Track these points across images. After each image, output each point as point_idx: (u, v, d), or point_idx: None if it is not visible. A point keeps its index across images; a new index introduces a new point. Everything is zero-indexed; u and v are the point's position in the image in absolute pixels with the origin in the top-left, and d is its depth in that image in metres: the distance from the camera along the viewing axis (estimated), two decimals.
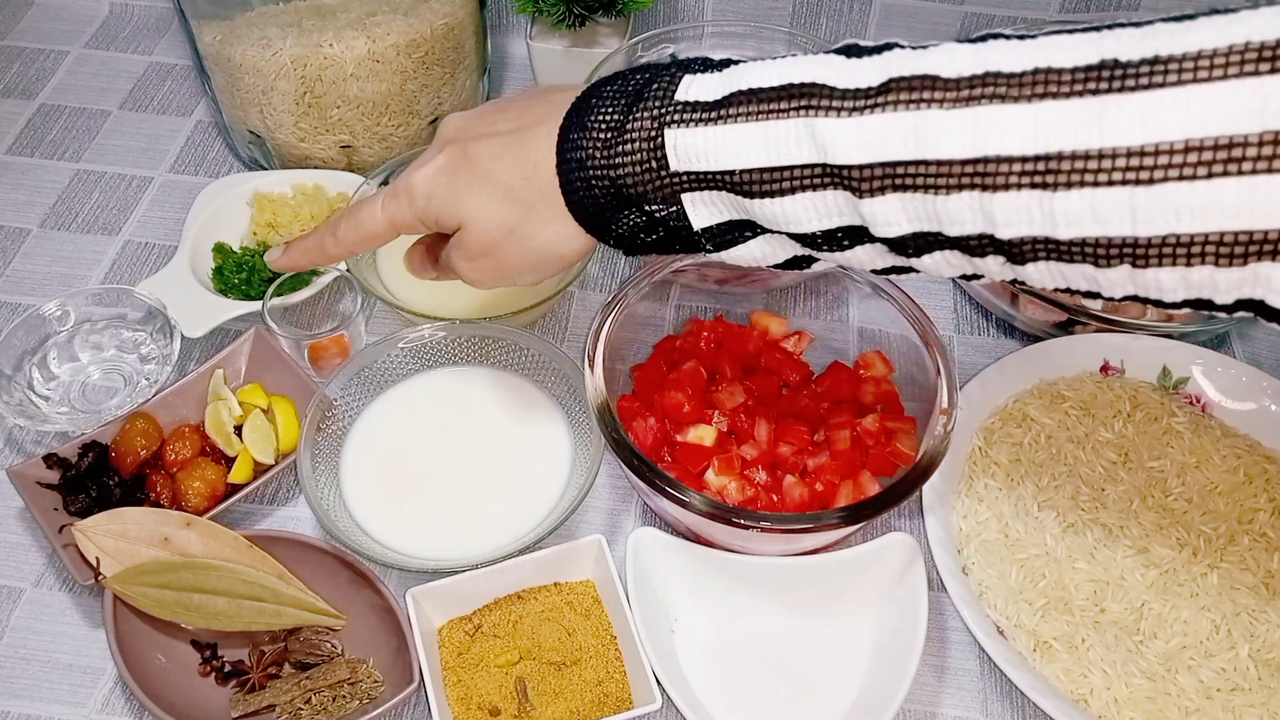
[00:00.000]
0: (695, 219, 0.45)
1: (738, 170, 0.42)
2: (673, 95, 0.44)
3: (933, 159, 0.38)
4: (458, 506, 0.67)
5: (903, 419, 0.68)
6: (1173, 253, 0.35)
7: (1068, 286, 0.39)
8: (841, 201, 0.41)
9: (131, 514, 0.63)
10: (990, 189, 0.37)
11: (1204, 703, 0.60)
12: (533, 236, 0.48)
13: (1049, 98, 0.36)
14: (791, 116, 0.41)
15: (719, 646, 0.64)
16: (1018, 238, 0.38)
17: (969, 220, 0.38)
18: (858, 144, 0.39)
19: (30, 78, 1.00)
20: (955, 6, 0.95)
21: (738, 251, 0.46)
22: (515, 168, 0.47)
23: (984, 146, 0.37)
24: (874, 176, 0.39)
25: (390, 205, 0.51)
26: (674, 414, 0.68)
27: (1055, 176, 0.36)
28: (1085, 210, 0.36)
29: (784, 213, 0.42)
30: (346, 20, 0.79)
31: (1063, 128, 0.35)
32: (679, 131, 0.43)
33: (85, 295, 0.76)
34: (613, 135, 0.45)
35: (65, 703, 0.62)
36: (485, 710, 0.59)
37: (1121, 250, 0.36)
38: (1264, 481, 0.69)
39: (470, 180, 0.48)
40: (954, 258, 0.41)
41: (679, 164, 0.44)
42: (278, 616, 0.61)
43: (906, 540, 0.63)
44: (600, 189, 0.46)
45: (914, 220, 0.40)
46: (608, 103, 0.46)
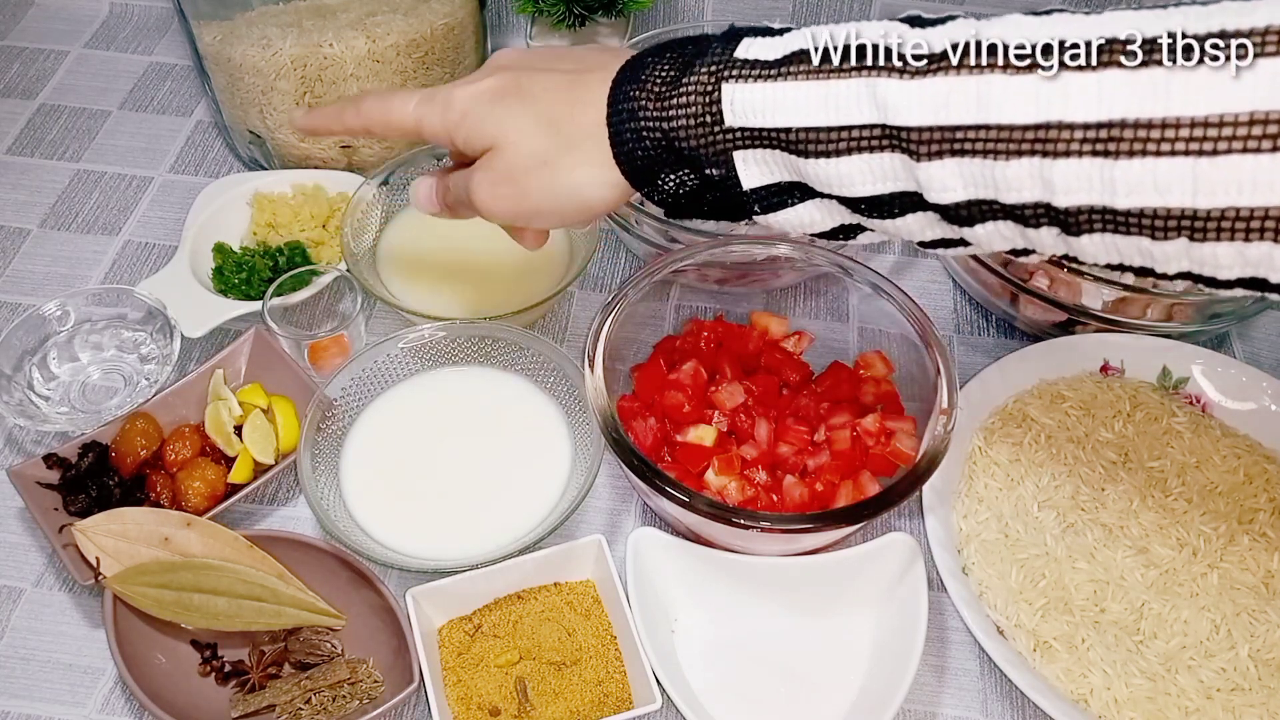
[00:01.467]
0: (746, 178, 0.45)
1: (795, 128, 0.42)
2: (732, 52, 0.44)
3: (994, 124, 0.38)
4: (458, 506, 0.67)
5: (903, 419, 0.68)
6: (1231, 226, 0.35)
7: (1121, 262, 0.39)
8: (898, 164, 0.41)
9: (131, 514, 0.63)
10: (1051, 155, 0.37)
11: (1204, 703, 0.60)
12: (565, 173, 0.47)
13: (1114, 66, 0.36)
14: (853, 76, 0.40)
15: (719, 646, 0.64)
16: (1075, 206, 0.38)
17: (1027, 187, 0.38)
18: (919, 105, 0.39)
19: (30, 78, 1.00)
20: (955, 7, 0.95)
21: (785, 215, 0.46)
22: (565, 103, 0.47)
23: (1047, 112, 0.37)
24: (933, 140, 0.39)
25: (424, 107, 0.50)
26: (674, 414, 0.68)
27: (1118, 144, 0.36)
28: (1146, 179, 0.35)
29: (838, 174, 0.42)
30: (346, 20, 0.79)
31: (1127, 96, 0.35)
32: (737, 86, 0.43)
33: (85, 295, 0.76)
34: (667, 89, 0.44)
35: (65, 703, 0.62)
36: (485, 710, 0.59)
37: (1180, 222, 0.36)
38: (1264, 481, 0.69)
39: (516, 104, 0.48)
40: (1007, 229, 0.41)
41: (734, 119, 0.43)
42: (278, 616, 0.61)
43: (906, 540, 0.63)
44: (651, 141, 0.45)
45: (970, 186, 0.40)
46: (665, 59, 0.45)
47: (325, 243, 0.81)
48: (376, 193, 0.81)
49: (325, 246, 0.81)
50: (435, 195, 0.55)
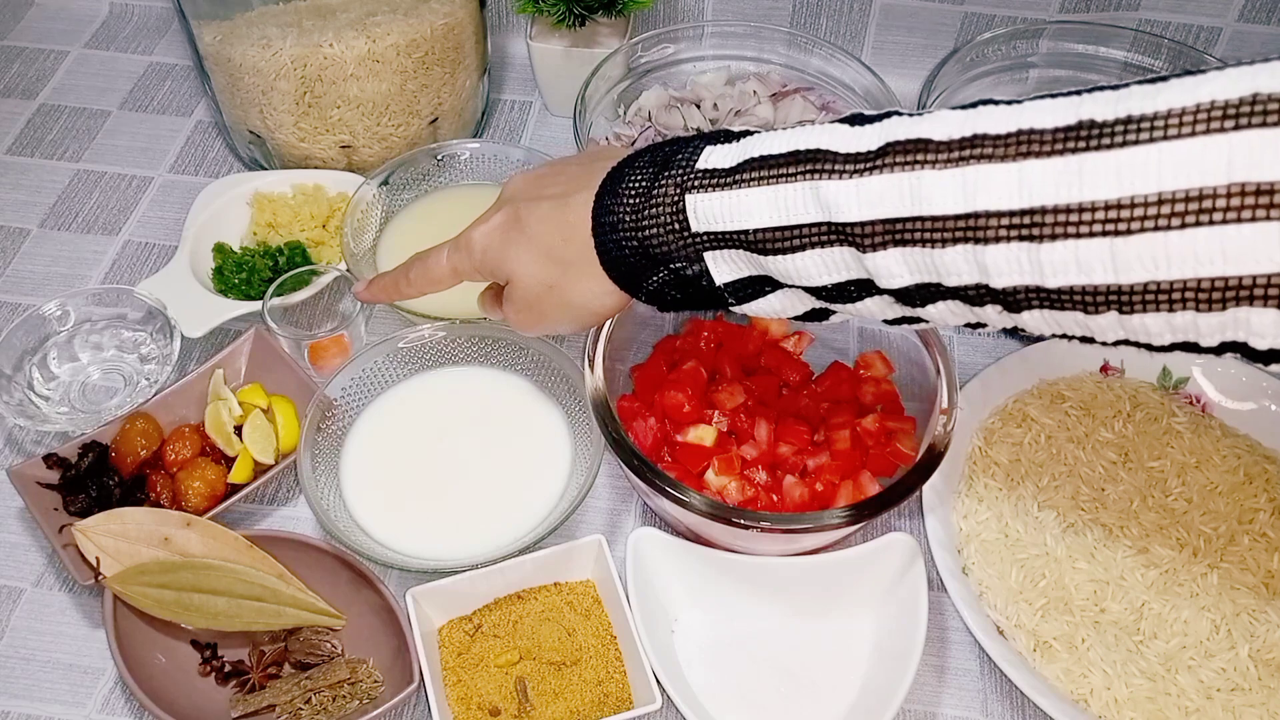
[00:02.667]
0: (717, 275, 0.49)
1: (752, 229, 0.46)
2: (694, 164, 0.48)
3: (927, 215, 0.41)
4: (458, 506, 0.67)
5: (903, 419, 0.68)
6: (1155, 299, 0.37)
7: (1063, 333, 0.42)
8: (848, 256, 0.44)
9: (131, 514, 0.63)
10: (981, 241, 0.40)
11: (1204, 703, 0.60)
12: (570, 292, 0.53)
13: (1032, 156, 0.38)
14: (798, 180, 0.44)
15: (719, 646, 0.64)
16: (1010, 286, 0.40)
17: (965, 271, 0.41)
18: (858, 203, 0.42)
19: (30, 78, 1.00)
20: (955, 6, 0.95)
21: (758, 304, 0.50)
22: (557, 230, 0.52)
23: (974, 202, 0.39)
24: (876, 232, 0.42)
25: (454, 256, 0.57)
26: (674, 414, 0.68)
27: (1040, 229, 0.38)
28: (1070, 260, 0.38)
29: (796, 268, 0.46)
30: (346, 20, 0.79)
31: (1044, 183, 0.38)
32: (698, 196, 0.47)
33: (85, 295, 0.76)
34: (640, 200, 0.49)
35: (65, 703, 0.62)
36: (485, 710, 0.59)
37: (1107, 297, 0.38)
38: (1264, 481, 0.69)
39: (518, 240, 0.54)
40: (956, 307, 0.43)
41: (699, 225, 0.47)
42: (278, 616, 0.61)
43: (906, 540, 0.63)
44: (630, 249, 0.50)
45: (915, 272, 0.43)
46: (638, 171, 0.50)
47: (325, 243, 0.81)
48: (376, 193, 0.81)
49: (325, 246, 0.81)
50: (496, 304, 0.61)
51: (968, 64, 0.90)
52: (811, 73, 0.91)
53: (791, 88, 0.90)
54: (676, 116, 0.88)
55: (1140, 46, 0.91)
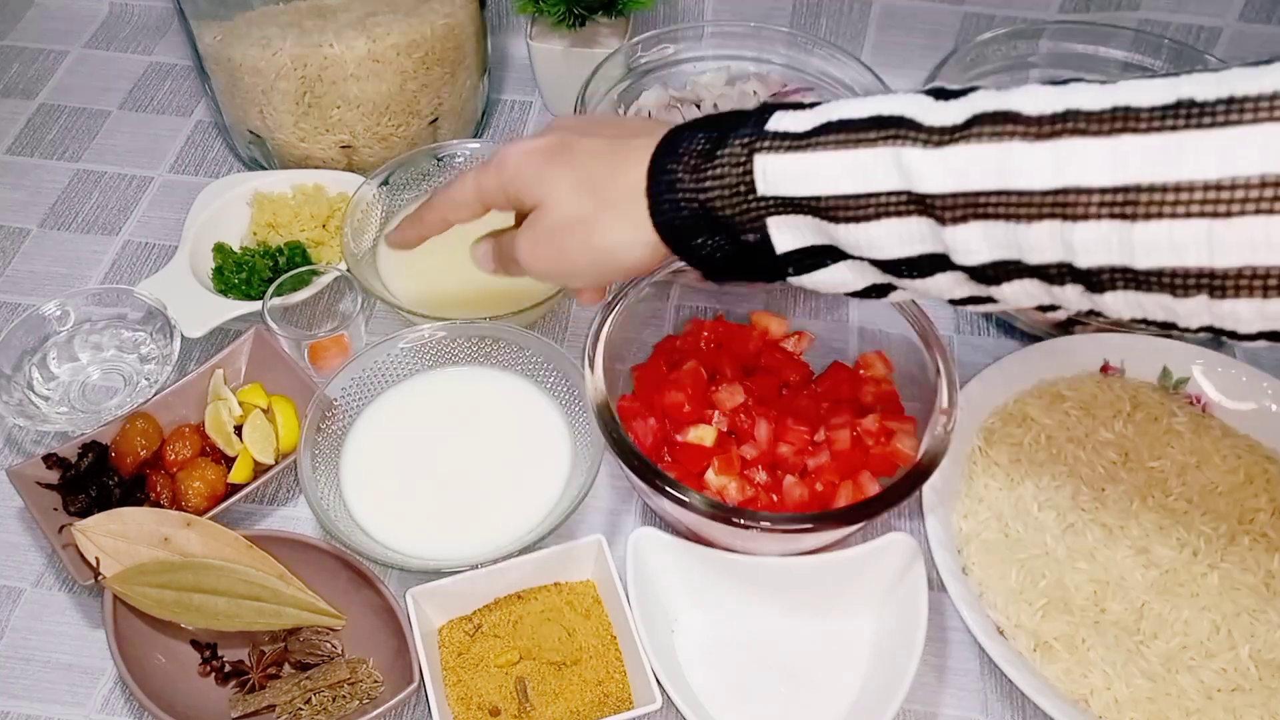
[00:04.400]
0: (779, 243, 0.47)
1: (824, 196, 0.44)
2: (763, 126, 0.46)
3: (1014, 189, 0.39)
4: (458, 506, 0.67)
5: (903, 419, 0.68)
6: (1249, 284, 0.36)
7: (1145, 317, 0.40)
8: (925, 228, 0.42)
9: (131, 514, 0.63)
10: (1070, 219, 0.38)
11: (1204, 703, 0.60)
12: (602, 233, 0.50)
13: (1129, 132, 0.37)
14: (879, 145, 0.42)
15: (719, 646, 0.64)
16: (1096, 266, 0.39)
17: (1049, 248, 0.40)
18: (942, 173, 0.41)
19: (30, 78, 1.00)
20: (955, 6, 0.95)
21: (818, 276, 0.47)
22: (607, 167, 0.50)
23: (1064, 177, 0.38)
24: (957, 205, 0.41)
25: (481, 175, 0.54)
26: (674, 414, 0.68)
27: (1134, 208, 0.37)
28: (1163, 240, 0.37)
29: (868, 238, 0.44)
30: (346, 20, 0.79)
31: (1142, 161, 0.37)
32: (768, 157, 0.45)
33: (85, 295, 0.76)
34: (702, 161, 0.47)
35: (65, 703, 0.62)
36: (485, 710, 0.59)
37: (1199, 280, 0.37)
38: (1264, 481, 0.69)
39: (562, 164, 0.51)
40: (1033, 286, 0.42)
41: (766, 188, 0.45)
42: (278, 616, 0.61)
43: (906, 540, 0.63)
44: (689, 210, 0.47)
45: (995, 248, 0.41)
46: (700, 133, 0.48)
47: (325, 243, 0.81)
48: (376, 193, 0.81)
49: (325, 246, 0.81)
50: (491, 254, 0.58)
51: (968, 64, 0.90)
52: (811, 73, 0.90)
53: (791, 88, 0.90)
54: (676, 116, 0.88)
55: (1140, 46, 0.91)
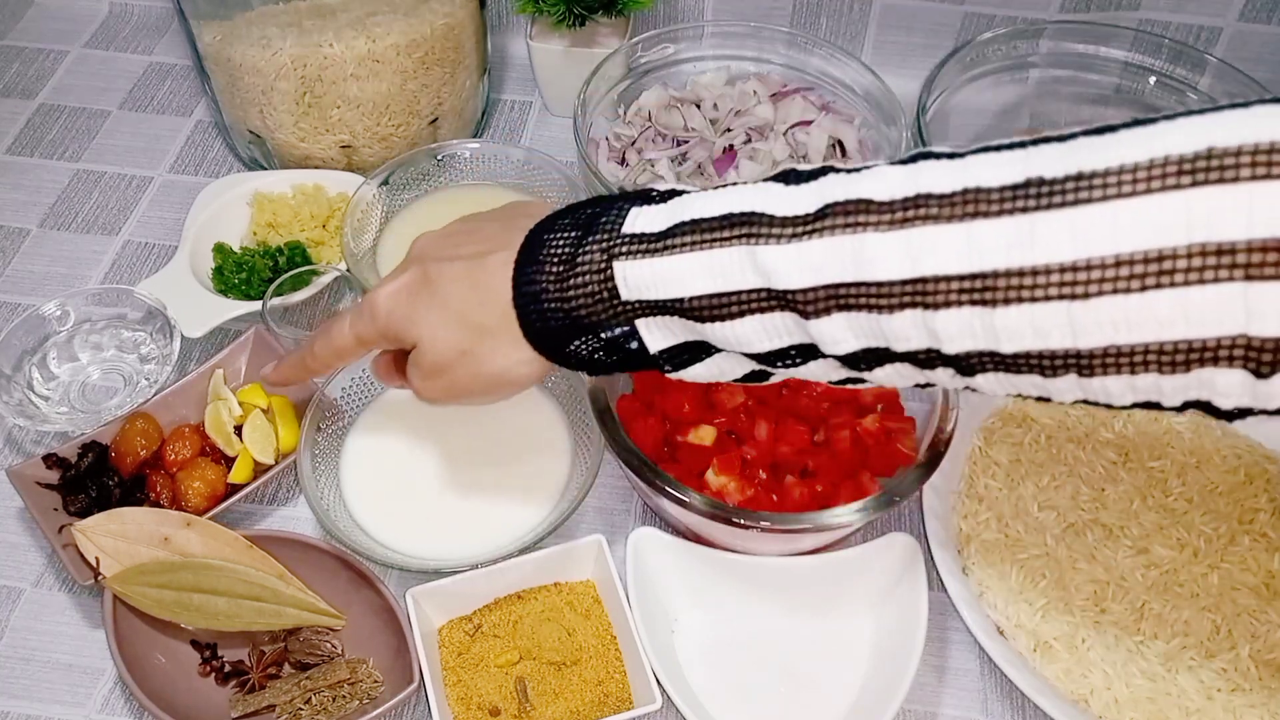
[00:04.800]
0: (651, 343, 0.46)
1: (686, 298, 0.44)
2: (620, 228, 0.46)
3: (872, 280, 0.39)
4: (458, 506, 0.67)
5: (903, 419, 0.68)
6: (1116, 362, 0.36)
7: (1019, 393, 0.40)
8: (790, 322, 0.42)
9: (131, 514, 0.63)
10: (931, 307, 0.38)
11: (1204, 703, 0.60)
12: (486, 361, 0.50)
13: (980, 216, 0.37)
14: (733, 245, 0.42)
15: (719, 646, 0.64)
16: (963, 352, 0.39)
17: (914, 337, 0.39)
18: (799, 269, 0.40)
19: (30, 77, 1.00)
20: (955, 6, 0.95)
21: (695, 370, 0.47)
22: (471, 293, 0.49)
23: (921, 267, 0.38)
24: (818, 299, 0.40)
25: (356, 322, 0.53)
26: (674, 414, 0.68)
27: (993, 293, 0.37)
28: (1025, 325, 0.36)
29: (735, 335, 0.44)
30: (346, 20, 0.79)
31: (995, 246, 0.36)
32: (627, 263, 0.45)
33: (85, 295, 0.76)
34: (565, 269, 0.46)
35: (65, 703, 0.62)
36: (485, 710, 0.59)
37: (1066, 361, 0.37)
38: (1264, 481, 0.69)
39: (428, 302, 0.50)
40: (905, 370, 0.42)
41: (629, 294, 0.45)
42: (278, 616, 0.61)
43: (906, 540, 0.63)
44: (556, 320, 0.47)
45: (861, 338, 0.41)
46: (559, 236, 0.47)
47: (325, 243, 0.81)
48: (376, 193, 0.81)
49: (325, 246, 0.81)
50: (388, 372, 0.58)
51: (968, 64, 0.90)
52: (811, 73, 0.91)
53: (791, 88, 0.90)
54: (676, 116, 0.88)
55: (1140, 46, 0.91)
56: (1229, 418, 0.36)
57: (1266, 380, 0.34)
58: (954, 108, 0.91)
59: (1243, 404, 0.35)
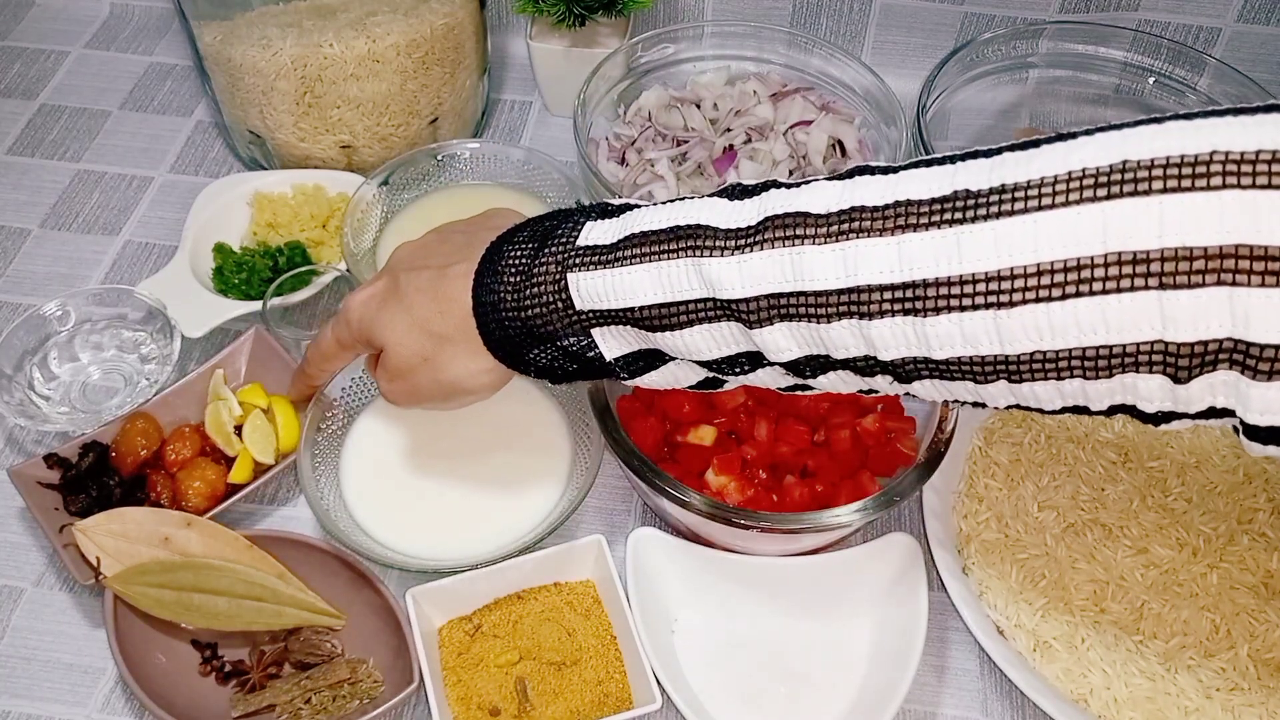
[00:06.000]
0: (607, 350, 0.49)
1: (637, 307, 0.46)
2: (574, 241, 0.48)
3: (810, 290, 0.41)
4: (458, 506, 0.67)
5: (903, 419, 0.68)
6: (1043, 368, 0.37)
7: (955, 399, 0.42)
8: (736, 331, 0.44)
9: (132, 514, 0.63)
10: (866, 316, 0.40)
11: (1204, 702, 0.60)
12: (445, 368, 0.52)
13: (910, 229, 0.38)
14: (680, 256, 0.44)
15: (719, 646, 0.64)
16: (899, 359, 0.40)
17: (851, 344, 0.41)
18: (741, 280, 0.42)
19: (31, 78, 1.00)
20: (955, 6, 0.95)
21: (651, 377, 0.49)
22: (433, 302, 0.51)
23: (855, 277, 0.39)
24: (761, 308, 0.42)
25: (336, 328, 0.57)
26: (674, 414, 0.68)
27: (923, 303, 0.38)
28: (955, 333, 0.38)
29: (685, 343, 0.46)
30: (346, 20, 0.79)
31: (924, 257, 0.38)
32: (580, 275, 0.47)
33: (85, 295, 0.76)
34: (521, 279, 0.48)
35: (66, 702, 0.62)
36: (485, 710, 0.60)
37: (996, 367, 0.38)
38: (1263, 481, 0.69)
39: (394, 309, 0.53)
40: (847, 376, 0.43)
41: (583, 304, 0.47)
42: (278, 616, 0.61)
43: (906, 540, 0.63)
44: (514, 329, 0.49)
45: (803, 345, 0.42)
46: (517, 249, 0.49)
47: (325, 243, 0.81)
48: (376, 193, 0.81)
49: (325, 246, 0.81)
50: None
51: (968, 64, 0.90)
52: (811, 73, 0.91)
53: (791, 88, 0.90)
54: (676, 116, 0.88)
55: (1140, 46, 0.91)
56: (1154, 422, 0.37)
57: (1184, 385, 0.35)
58: (954, 108, 0.91)
59: (1165, 408, 0.37)
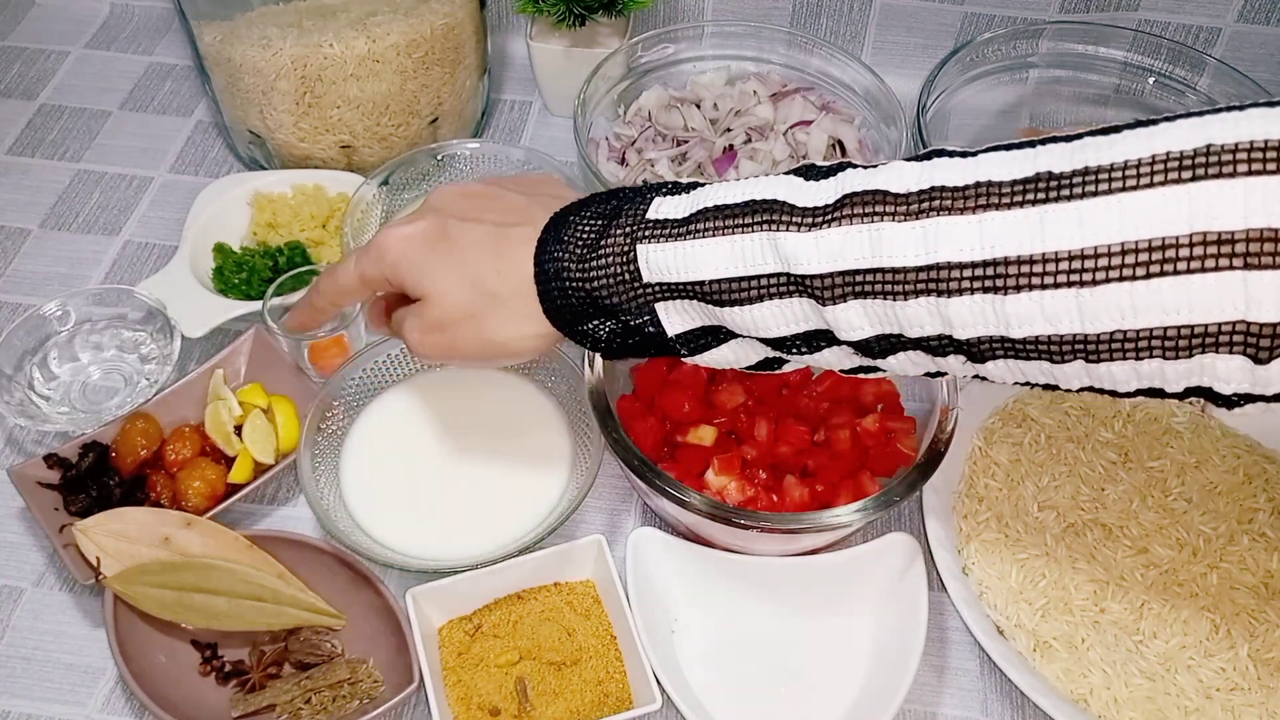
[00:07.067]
0: (669, 326, 0.48)
1: (707, 281, 0.45)
2: (644, 214, 0.47)
3: (889, 267, 0.41)
4: (458, 506, 0.67)
5: (903, 419, 0.68)
6: (1122, 348, 0.37)
7: (1028, 381, 0.42)
8: (807, 308, 0.44)
9: (132, 514, 0.63)
10: (944, 294, 0.40)
11: (1203, 702, 0.60)
12: (494, 328, 0.50)
13: (992, 209, 0.39)
14: (755, 231, 0.44)
15: (719, 646, 0.64)
16: (975, 338, 0.40)
17: (928, 323, 0.41)
18: (817, 256, 0.42)
19: (31, 78, 1.00)
20: (955, 6, 0.95)
21: (711, 355, 0.49)
22: (491, 260, 0.50)
23: (935, 254, 0.40)
24: (835, 285, 0.42)
25: (363, 260, 0.53)
26: (674, 414, 0.68)
27: (1004, 280, 0.38)
28: (1035, 311, 0.38)
29: (753, 319, 0.45)
30: (346, 20, 0.79)
31: (1006, 235, 0.38)
32: (650, 246, 0.46)
33: (85, 295, 0.76)
34: (587, 250, 0.48)
35: (66, 702, 0.62)
36: (485, 710, 0.60)
37: (1074, 347, 0.38)
38: (1263, 481, 0.69)
39: (445, 257, 0.50)
40: (917, 357, 0.43)
41: (651, 276, 0.46)
42: (278, 616, 0.61)
43: (906, 540, 0.63)
44: (576, 299, 0.48)
45: (876, 324, 0.42)
46: (585, 220, 0.49)
47: (325, 243, 0.81)
48: (376, 193, 0.81)
49: (325, 246, 0.81)
50: (382, 318, 0.58)
51: (968, 64, 0.90)
52: (811, 73, 0.91)
53: (791, 88, 0.90)
54: (676, 116, 0.88)
55: (1140, 47, 0.91)
56: (1229, 404, 0.38)
57: (1265, 366, 0.36)
58: (954, 108, 0.91)
59: (1242, 389, 0.37)
